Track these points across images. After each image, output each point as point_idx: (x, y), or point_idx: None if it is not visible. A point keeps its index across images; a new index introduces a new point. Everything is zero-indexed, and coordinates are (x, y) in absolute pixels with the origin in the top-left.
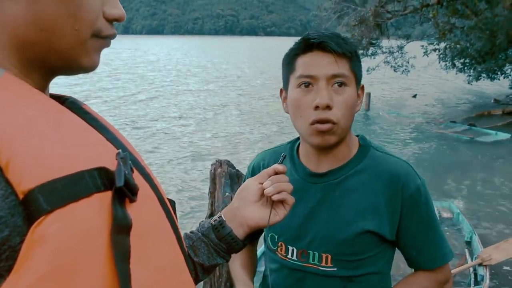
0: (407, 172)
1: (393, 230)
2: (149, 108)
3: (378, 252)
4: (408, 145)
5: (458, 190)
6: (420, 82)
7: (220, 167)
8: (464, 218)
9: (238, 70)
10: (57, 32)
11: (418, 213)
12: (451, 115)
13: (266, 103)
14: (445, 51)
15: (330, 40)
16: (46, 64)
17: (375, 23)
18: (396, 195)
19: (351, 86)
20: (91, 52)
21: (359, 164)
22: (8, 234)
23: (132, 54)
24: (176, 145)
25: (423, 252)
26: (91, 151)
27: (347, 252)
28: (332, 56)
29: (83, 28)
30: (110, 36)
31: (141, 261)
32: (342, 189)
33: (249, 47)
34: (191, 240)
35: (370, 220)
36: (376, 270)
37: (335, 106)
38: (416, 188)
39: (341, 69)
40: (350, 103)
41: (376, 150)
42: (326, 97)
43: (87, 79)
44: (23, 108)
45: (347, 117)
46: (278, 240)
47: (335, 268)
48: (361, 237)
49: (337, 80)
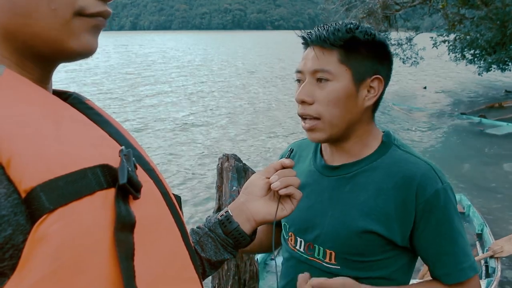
0: (425, 174)
1: (405, 236)
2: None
3: (390, 257)
4: (417, 138)
5: (469, 182)
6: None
7: (227, 161)
8: (475, 211)
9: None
10: (33, 15)
11: (434, 221)
12: (461, 107)
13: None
14: (455, 42)
15: (317, 35)
16: (36, 51)
17: (383, 15)
18: (410, 198)
19: (336, 80)
20: (78, 33)
21: (375, 161)
22: (11, 233)
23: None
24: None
25: (438, 266)
26: (93, 148)
27: (351, 251)
28: (319, 51)
29: (61, 6)
30: (100, 14)
31: (145, 258)
32: (352, 184)
33: (274, 40)
34: (197, 236)
35: (375, 221)
36: (386, 276)
37: (317, 101)
38: (434, 192)
39: (322, 63)
40: (333, 97)
41: (398, 148)
42: (301, 92)
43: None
44: (24, 106)
45: (334, 113)
46: (289, 229)
47: (339, 266)
48: (365, 237)
49: (318, 75)
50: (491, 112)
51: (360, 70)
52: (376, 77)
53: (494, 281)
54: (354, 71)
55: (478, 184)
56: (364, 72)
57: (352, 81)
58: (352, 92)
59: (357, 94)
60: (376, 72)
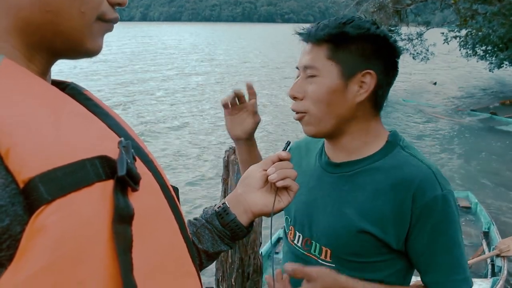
0: (425, 178)
1: (400, 239)
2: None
3: (386, 260)
4: (426, 134)
5: (477, 179)
6: (440, 69)
7: (233, 154)
8: (482, 208)
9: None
10: (64, 14)
11: (429, 227)
12: (471, 104)
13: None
14: (466, 38)
15: (307, 31)
16: (51, 47)
17: (394, 9)
18: (407, 202)
19: (324, 76)
20: (95, 35)
21: (377, 161)
22: (8, 223)
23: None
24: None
25: (428, 273)
26: (92, 139)
27: (347, 251)
28: (309, 47)
29: (89, 10)
30: (113, 20)
31: (143, 250)
32: (351, 184)
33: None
34: (194, 227)
35: (371, 223)
36: (381, 279)
37: (306, 97)
38: (433, 198)
39: (311, 60)
40: (320, 93)
41: (402, 149)
42: (293, 88)
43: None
44: (23, 96)
45: (320, 107)
46: (290, 223)
47: (334, 264)
48: (361, 237)
49: (307, 72)
50: (502, 109)
51: (349, 65)
52: (367, 71)
53: (500, 280)
54: (343, 66)
55: (487, 181)
56: (354, 67)
57: (340, 76)
58: (339, 87)
59: (346, 90)
60: (367, 67)
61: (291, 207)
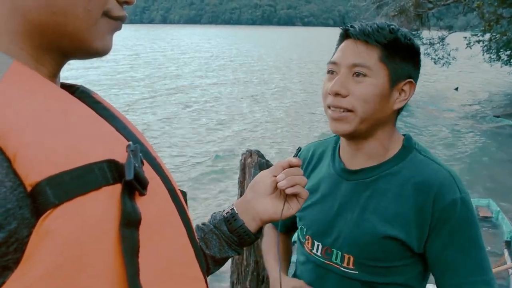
0: (444, 182)
1: (421, 242)
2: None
3: (408, 264)
4: (447, 141)
5: (501, 187)
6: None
7: (250, 157)
8: (504, 217)
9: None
10: (70, 14)
11: (447, 230)
12: (494, 109)
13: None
14: (490, 42)
15: (361, 29)
16: (59, 48)
17: (415, 13)
18: (427, 205)
19: (374, 77)
20: (103, 34)
21: (395, 166)
22: (16, 227)
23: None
24: None
25: (447, 276)
26: (100, 143)
27: (370, 256)
28: (360, 45)
29: (94, 7)
30: (121, 18)
31: (150, 255)
32: (372, 190)
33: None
34: (202, 232)
35: (396, 227)
36: (403, 282)
37: (351, 95)
38: (452, 201)
39: (363, 58)
40: (369, 94)
41: (419, 153)
42: (337, 84)
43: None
44: (31, 100)
45: (367, 109)
46: (306, 233)
47: (356, 271)
48: (385, 243)
49: (356, 69)
50: None
51: (397, 71)
52: (409, 80)
53: None
54: (391, 72)
55: (509, 189)
56: (400, 74)
57: (388, 81)
58: (386, 91)
59: (390, 95)
60: (410, 76)
61: (307, 216)
